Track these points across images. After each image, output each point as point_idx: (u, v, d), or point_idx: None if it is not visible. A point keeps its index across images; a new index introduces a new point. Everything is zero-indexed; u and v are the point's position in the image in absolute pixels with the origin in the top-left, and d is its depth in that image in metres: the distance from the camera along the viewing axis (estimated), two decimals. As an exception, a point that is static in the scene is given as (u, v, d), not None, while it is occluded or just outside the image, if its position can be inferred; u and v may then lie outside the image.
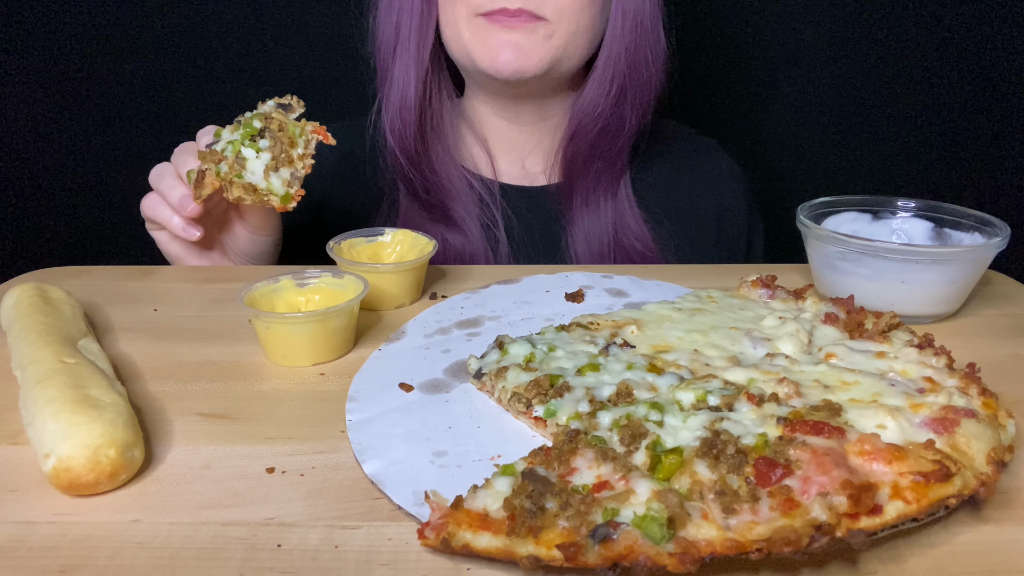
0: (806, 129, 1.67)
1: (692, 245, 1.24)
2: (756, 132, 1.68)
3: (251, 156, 0.93)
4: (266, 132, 0.95)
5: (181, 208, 0.96)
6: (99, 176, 1.70)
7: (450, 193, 1.19)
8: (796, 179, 1.68)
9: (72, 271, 0.99)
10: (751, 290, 0.84)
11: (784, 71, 1.63)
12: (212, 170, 0.93)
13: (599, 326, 0.76)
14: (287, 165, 0.94)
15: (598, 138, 1.16)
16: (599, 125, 1.15)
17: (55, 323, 0.72)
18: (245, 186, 0.93)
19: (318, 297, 0.82)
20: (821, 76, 1.64)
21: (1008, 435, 0.58)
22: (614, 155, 1.19)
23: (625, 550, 0.46)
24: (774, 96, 1.66)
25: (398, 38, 1.15)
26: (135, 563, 0.50)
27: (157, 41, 1.61)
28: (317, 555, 0.50)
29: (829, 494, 0.48)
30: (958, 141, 1.65)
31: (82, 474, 0.54)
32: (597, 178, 1.20)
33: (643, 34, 1.14)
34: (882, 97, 1.63)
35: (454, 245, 1.18)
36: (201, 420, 0.66)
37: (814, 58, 1.62)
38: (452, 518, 0.50)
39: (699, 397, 0.61)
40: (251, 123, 0.95)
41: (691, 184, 1.30)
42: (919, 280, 0.82)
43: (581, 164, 1.19)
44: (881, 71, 1.62)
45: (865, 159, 1.69)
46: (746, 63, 1.64)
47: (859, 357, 0.68)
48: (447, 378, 0.72)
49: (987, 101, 1.61)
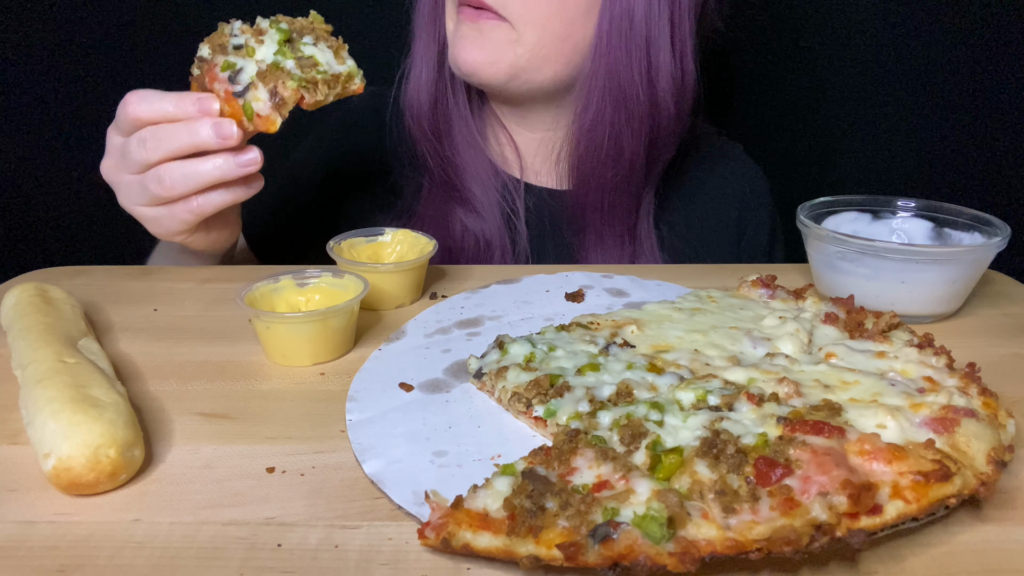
0: (806, 129, 1.67)
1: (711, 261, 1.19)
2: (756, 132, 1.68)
3: (290, 64, 0.84)
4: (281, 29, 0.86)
5: (224, 138, 0.81)
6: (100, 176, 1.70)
7: (469, 174, 1.15)
8: (796, 179, 1.68)
9: (72, 271, 0.99)
10: (751, 290, 0.84)
11: (784, 71, 1.63)
12: (284, 80, 0.82)
13: (599, 326, 0.76)
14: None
15: (600, 165, 1.09)
16: (595, 148, 1.08)
17: (55, 323, 0.72)
18: (328, 81, 0.85)
19: (318, 297, 0.82)
20: (821, 76, 1.64)
21: (1008, 435, 0.58)
22: (622, 183, 1.10)
23: (625, 550, 0.46)
24: (774, 96, 1.66)
25: (421, 16, 1.14)
26: (135, 563, 0.50)
27: (158, 41, 1.61)
28: (317, 555, 0.50)
29: (829, 494, 0.48)
30: (958, 141, 1.65)
31: (82, 474, 0.54)
32: (612, 210, 1.12)
33: (632, 54, 1.03)
34: (882, 97, 1.63)
35: (472, 230, 1.14)
36: (201, 420, 0.66)
37: (814, 58, 1.62)
38: (452, 518, 0.50)
39: (699, 397, 0.61)
40: (279, 26, 0.85)
41: (713, 196, 1.23)
42: (919, 280, 0.82)
43: (592, 187, 1.11)
44: (881, 71, 1.62)
45: (865, 159, 1.69)
46: (746, 62, 1.64)
47: (859, 357, 0.68)
48: (447, 378, 0.72)
49: (987, 101, 1.61)
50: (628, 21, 1.02)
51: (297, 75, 0.83)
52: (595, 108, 1.06)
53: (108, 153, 0.89)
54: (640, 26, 1.02)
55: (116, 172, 0.88)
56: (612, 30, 1.03)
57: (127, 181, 0.87)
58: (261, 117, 0.83)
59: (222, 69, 0.83)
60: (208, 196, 0.85)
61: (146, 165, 0.84)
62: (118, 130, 0.86)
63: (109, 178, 0.89)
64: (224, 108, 0.83)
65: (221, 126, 0.81)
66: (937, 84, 1.62)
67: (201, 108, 0.82)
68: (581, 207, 1.14)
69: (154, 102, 0.82)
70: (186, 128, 0.81)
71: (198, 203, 0.85)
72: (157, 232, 0.91)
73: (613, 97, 1.05)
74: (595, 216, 1.13)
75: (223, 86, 0.82)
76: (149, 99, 0.82)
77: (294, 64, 0.84)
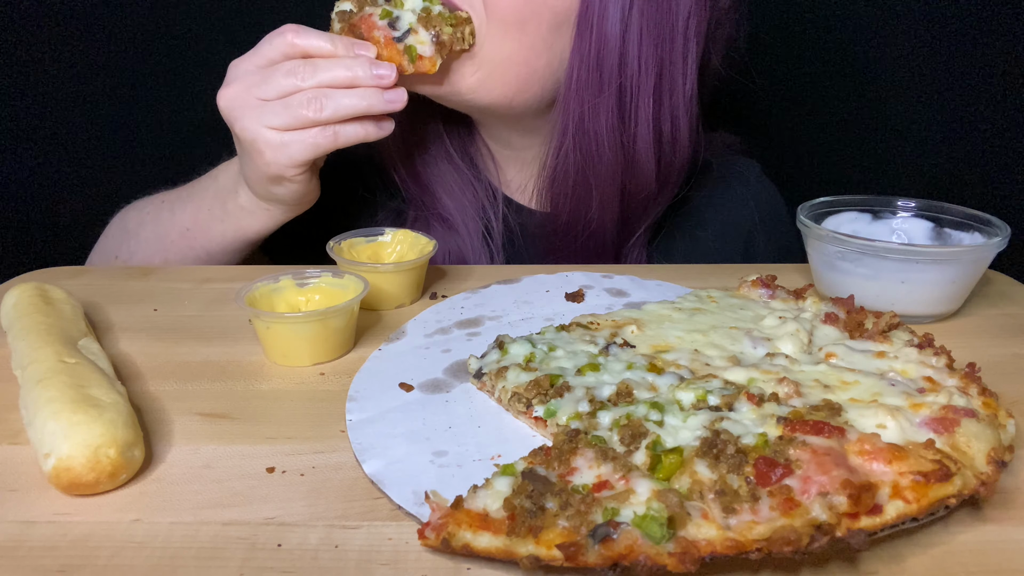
0: (806, 129, 1.67)
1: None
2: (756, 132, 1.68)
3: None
4: None
5: (380, 78, 0.86)
6: (99, 176, 1.70)
7: (444, 193, 1.11)
8: (796, 179, 1.68)
9: (72, 271, 0.99)
10: (751, 290, 0.84)
11: (784, 71, 1.63)
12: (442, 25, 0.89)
13: (599, 326, 0.76)
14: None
15: (569, 200, 1.01)
16: (563, 184, 1.01)
17: (55, 323, 0.72)
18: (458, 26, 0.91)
19: (318, 297, 0.82)
20: (821, 76, 1.64)
21: (1008, 435, 0.58)
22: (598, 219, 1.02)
23: (625, 550, 0.46)
24: (774, 96, 1.66)
25: None
26: (135, 563, 0.50)
27: (160, 41, 1.61)
28: (317, 555, 0.50)
29: (829, 494, 0.48)
30: (958, 141, 1.65)
31: (82, 474, 0.54)
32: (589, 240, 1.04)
33: (602, 101, 0.93)
34: (882, 97, 1.63)
35: (448, 246, 1.11)
36: (201, 420, 0.66)
37: (814, 58, 1.62)
38: (452, 518, 0.50)
39: (699, 397, 0.61)
40: None
41: (717, 229, 1.14)
42: (919, 280, 0.82)
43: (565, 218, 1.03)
44: (881, 71, 1.62)
45: (865, 159, 1.68)
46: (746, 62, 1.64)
47: (859, 357, 0.68)
48: (447, 378, 0.72)
49: (987, 101, 1.61)
50: (598, 63, 0.93)
51: (447, 15, 0.89)
52: (559, 146, 0.99)
53: (233, 80, 0.90)
54: (612, 72, 0.93)
55: (245, 95, 0.88)
56: (583, 69, 0.94)
57: (259, 104, 0.88)
58: (424, 59, 0.89)
59: (380, 17, 0.90)
60: (347, 126, 0.88)
61: (293, 91, 0.86)
62: (259, 57, 0.89)
63: (231, 103, 0.89)
64: (383, 53, 0.89)
65: (379, 66, 0.87)
66: (937, 84, 1.62)
67: (358, 50, 0.87)
68: (556, 232, 1.08)
69: (313, 38, 0.87)
70: (343, 63, 0.87)
71: (336, 130, 0.88)
72: (276, 161, 0.89)
73: (578, 142, 0.97)
74: (570, 243, 1.07)
75: (383, 32, 0.89)
76: (309, 34, 0.87)
77: (442, 8, 0.90)
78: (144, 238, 1.08)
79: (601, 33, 0.92)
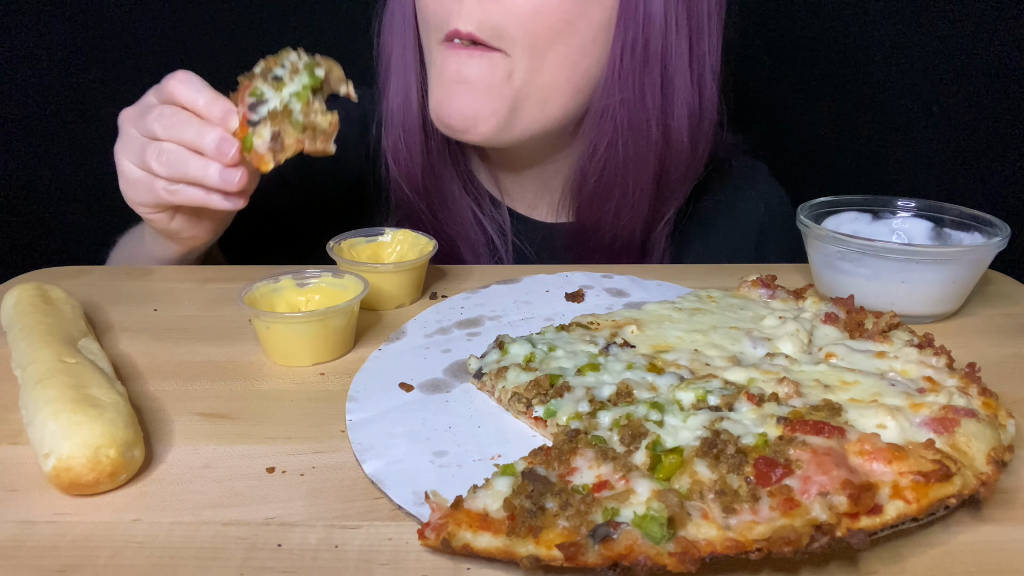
0: (806, 129, 1.67)
1: None
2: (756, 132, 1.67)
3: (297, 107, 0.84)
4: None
5: (221, 154, 0.82)
6: (99, 176, 1.70)
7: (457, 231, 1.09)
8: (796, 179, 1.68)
9: (72, 271, 0.99)
10: (751, 290, 0.84)
11: (784, 71, 1.63)
12: (288, 128, 0.83)
13: (599, 326, 0.76)
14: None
15: (602, 204, 1.02)
16: (600, 187, 1.01)
17: (55, 323, 0.72)
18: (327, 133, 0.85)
19: (318, 297, 0.82)
20: (821, 76, 1.64)
21: (1008, 435, 0.58)
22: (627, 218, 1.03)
23: (625, 550, 0.46)
24: (774, 96, 1.66)
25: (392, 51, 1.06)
26: (135, 563, 0.50)
27: (159, 40, 1.61)
28: (317, 555, 0.50)
29: (829, 494, 0.48)
30: (958, 141, 1.65)
31: (82, 474, 0.54)
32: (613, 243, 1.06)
33: (648, 81, 0.94)
34: (882, 97, 1.63)
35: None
36: (201, 420, 0.66)
37: (815, 58, 1.62)
38: (452, 518, 0.50)
39: (699, 397, 0.61)
40: (314, 72, 0.85)
41: (730, 228, 1.16)
42: (919, 280, 0.82)
43: (593, 222, 1.04)
44: (881, 71, 1.62)
45: (865, 159, 1.69)
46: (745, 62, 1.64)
47: (859, 357, 0.68)
48: (447, 378, 0.72)
49: (987, 101, 1.61)
50: (644, 43, 0.93)
51: (299, 122, 0.84)
52: (607, 144, 0.98)
53: (136, 104, 0.91)
54: (656, 47, 0.94)
55: (129, 124, 0.89)
56: (626, 55, 0.94)
57: (133, 136, 0.88)
58: (256, 153, 0.84)
59: (250, 94, 0.85)
60: (187, 188, 0.87)
61: (153, 136, 0.86)
62: (154, 91, 0.89)
63: (123, 124, 0.90)
64: (237, 131, 0.85)
65: (225, 142, 0.83)
66: (937, 84, 1.62)
67: (223, 119, 0.84)
68: (578, 239, 1.09)
69: (192, 91, 0.85)
70: (198, 127, 0.84)
71: (175, 188, 0.87)
72: (126, 194, 0.91)
73: (623, 132, 0.96)
74: (594, 247, 1.08)
75: (243, 108, 0.85)
76: (191, 85, 0.85)
77: (301, 110, 0.84)
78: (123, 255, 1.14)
79: (647, 12, 0.93)
